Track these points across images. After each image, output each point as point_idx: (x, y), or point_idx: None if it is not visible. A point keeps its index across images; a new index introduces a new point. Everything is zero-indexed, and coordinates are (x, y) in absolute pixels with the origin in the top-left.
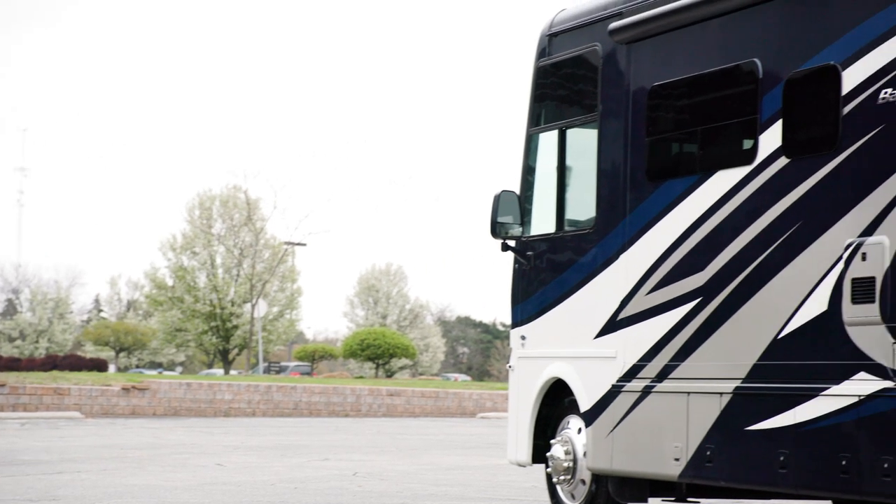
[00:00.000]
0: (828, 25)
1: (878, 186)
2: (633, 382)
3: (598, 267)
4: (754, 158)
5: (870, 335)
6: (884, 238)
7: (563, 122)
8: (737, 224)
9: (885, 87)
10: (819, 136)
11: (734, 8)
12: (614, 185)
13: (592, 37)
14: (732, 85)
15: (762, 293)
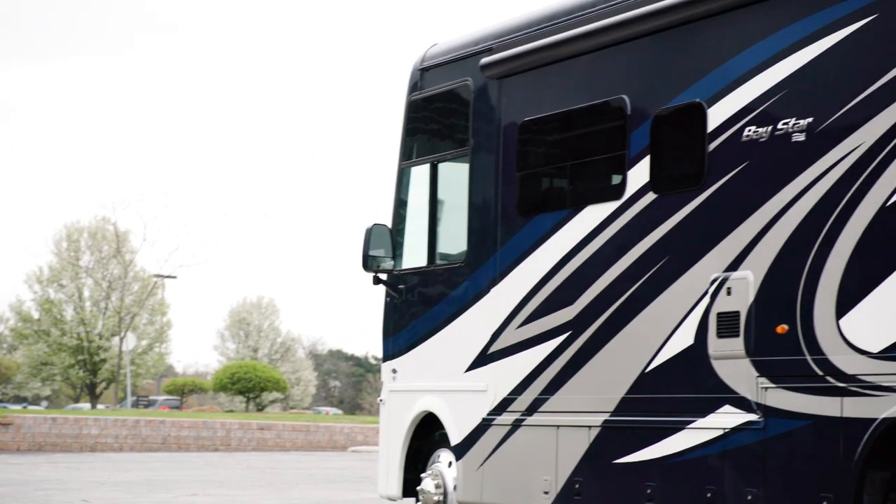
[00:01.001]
0: (694, 63)
1: (743, 222)
2: (504, 416)
3: (469, 300)
4: (623, 194)
5: (734, 369)
6: (748, 273)
7: (434, 155)
8: (606, 258)
9: (749, 124)
10: (686, 172)
11: (602, 45)
12: (485, 219)
13: (464, 72)
14: (601, 121)
15: (630, 327)
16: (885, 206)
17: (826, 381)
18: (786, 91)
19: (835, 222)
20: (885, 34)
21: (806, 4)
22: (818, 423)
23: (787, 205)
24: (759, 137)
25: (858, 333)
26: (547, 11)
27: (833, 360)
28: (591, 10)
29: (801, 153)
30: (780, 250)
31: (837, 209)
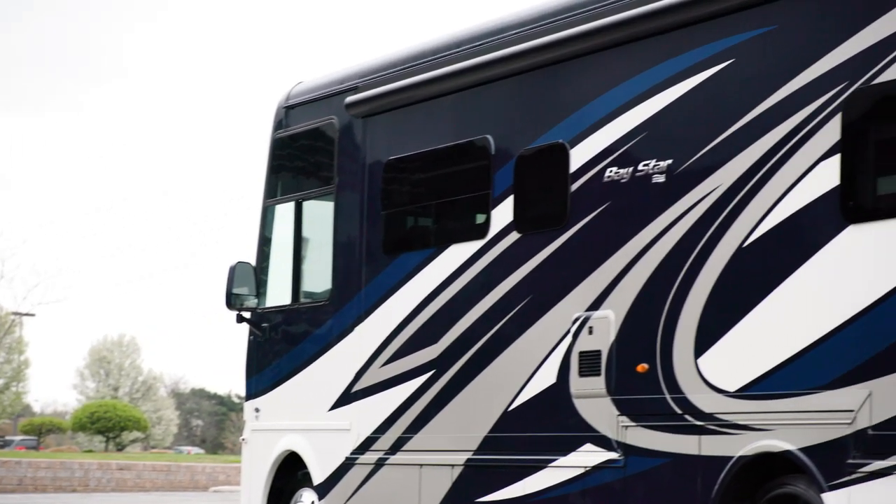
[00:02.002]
0: (557, 104)
1: (605, 262)
2: (367, 454)
3: (333, 339)
4: (487, 233)
5: (596, 407)
6: (609, 312)
7: (299, 193)
8: (469, 297)
9: (610, 165)
10: (549, 212)
11: (467, 85)
12: (350, 257)
13: (329, 110)
14: (466, 160)
15: (494, 365)
16: (741, 247)
17: (685, 419)
18: (646, 133)
19: (693, 263)
20: (741, 78)
21: (666, 48)
22: (677, 461)
23: (647, 245)
24: (621, 178)
25: (716, 372)
26: (412, 51)
27: (691, 398)
28: (455, 51)
29: (661, 194)
30: (641, 290)
31: (696, 250)
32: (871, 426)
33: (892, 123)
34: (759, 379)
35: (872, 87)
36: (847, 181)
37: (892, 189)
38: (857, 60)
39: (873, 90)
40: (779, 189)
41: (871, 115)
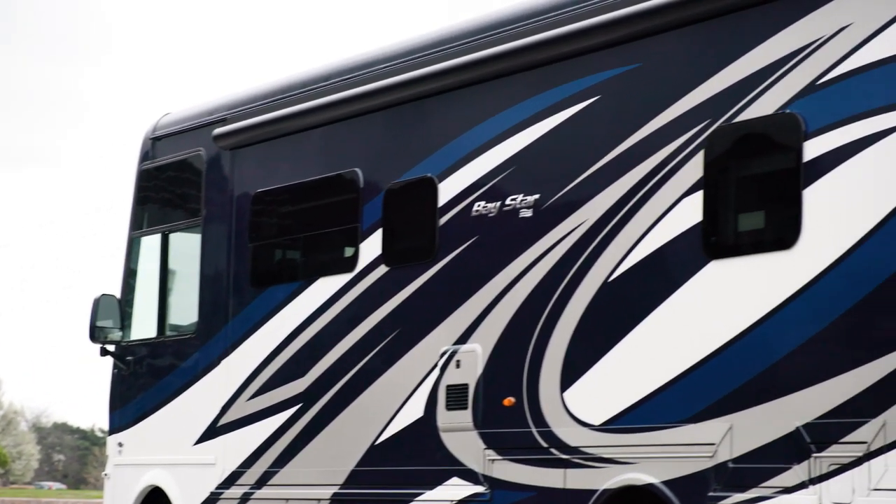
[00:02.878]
0: (425, 139)
1: (472, 296)
2: (233, 489)
3: (199, 372)
4: (355, 266)
5: (462, 441)
6: (477, 346)
7: (166, 225)
8: (338, 331)
9: (478, 199)
10: (417, 245)
11: (336, 119)
12: (217, 290)
13: (197, 141)
14: (335, 193)
15: (361, 399)
16: (606, 282)
17: (550, 453)
18: (514, 168)
19: (560, 297)
20: (607, 115)
21: (533, 85)
22: (542, 494)
23: (514, 279)
24: (488, 213)
25: (581, 406)
26: (281, 84)
27: (557, 432)
28: (324, 84)
29: (529, 229)
30: (508, 324)
31: (562, 284)
32: (732, 459)
33: (753, 161)
34: (624, 412)
35: (733, 125)
36: (709, 218)
37: (752, 226)
38: (719, 98)
39: (734, 128)
40: (643, 224)
41: (732, 153)
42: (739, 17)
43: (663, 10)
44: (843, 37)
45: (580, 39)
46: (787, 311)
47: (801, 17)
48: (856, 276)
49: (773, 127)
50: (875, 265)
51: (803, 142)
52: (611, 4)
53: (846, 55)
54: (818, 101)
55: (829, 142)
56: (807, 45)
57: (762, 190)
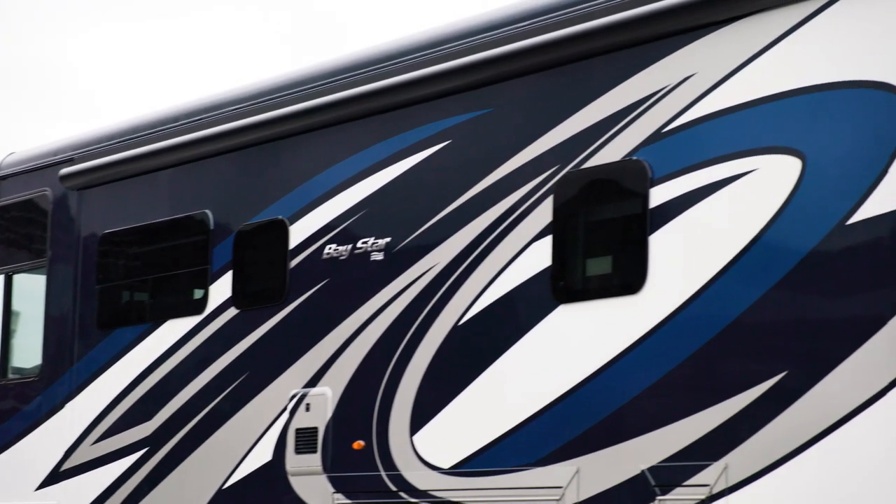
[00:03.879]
0: (277, 181)
1: (323, 338)
2: None
3: (42, 416)
4: (204, 308)
5: (311, 485)
6: (327, 389)
7: (9, 266)
8: (186, 374)
9: (329, 242)
10: (267, 288)
11: (186, 160)
12: (62, 332)
13: (43, 181)
14: (184, 235)
15: (210, 443)
16: (457, 325)
17: (399, 496)
18: (365, 211)
19: (411, 340)
20: (458, 159)
21: (385, 128)
22: None
23: (365, 322)
24: (340, 255)
25: (431, 449)
26: (129, 124)
27: (406, 475)
28: (173, 125)
29: (380, 272)
30: (359, 367)
31: (413, 327)
32: (579, 502)
33: (600, 207)
34: (473, 456)
35: (582, 171)
36: (557, 262)
37: (600, 271)
38: (568, 144)
39: (583, 174)
40: (494, 269)
41: (580, 199)
42: (588, 65)
43: (513, 56)
44: (688, 86)
45: (431, 84)
46: (633, 356)
47: (648, 65)
48: (699, 321)
49: (620, 173)
50: (718, 311)
51: (649, 188)
52: (462, 50)
53: (691, 104)
54: (664, 149)
55: (675, 188)
56: (653, 94)
57: (610, 235)
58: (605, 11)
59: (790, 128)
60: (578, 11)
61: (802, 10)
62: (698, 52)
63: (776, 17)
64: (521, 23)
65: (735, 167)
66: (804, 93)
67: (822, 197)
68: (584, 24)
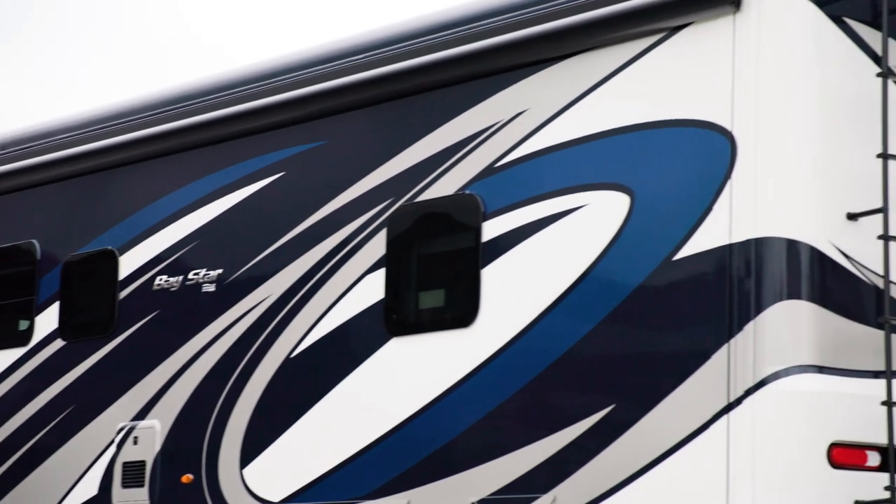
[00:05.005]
0: (107, 211)
1: (153, 371)
2: None
3: None
4: (30, 340)
5: None
6: (155, 422)
7: None
8: (10, 406)
9: (160, 273)
10: (95, 319)
11: (12, 188)
12: None
13: None
14: (10, 265)
15: (34, 476)
16: (289, 358)
17: None
18: (197, 242)
19: (242, 372)
20: (292, 191)
21: (218, 158)
22: None
23: (195, 354)
24: (170, 287)
25: (261, 483)
26: None
27: None
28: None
29: (211, 303)
30: (189, 400)
31: (245, 360)
32: None
33: (434, 240)
34: (304, 489)
35: (415, 204)
36: (391, 295)
37: (433, 304)
38: (402, 178)
39: (416, 207)
40: (326, 301)
41: (413, 232)
42: (423, 99)
43: (346, 89)
44: (520, 122)
45: (265, 116)
46: (464, 389)
47: (481, 101)
48: (530, 354)
49: (454, 207)
50: (548, 344)
51: (482, 222)
52: (296, 83)
53: (523, 139)
54: (496, 183)
55: (507, 223)
56: (486, 129)
57: (442, 269)
58: (440, 47)
59: (619, 165)
60: (412, 46)
61: (631, 49)
62: (530, 88)
63: (606, 56)
64: (354, 56)
65: (565, 202)
66: (633, 130)
67: (649, 233)
68: (417, 59)
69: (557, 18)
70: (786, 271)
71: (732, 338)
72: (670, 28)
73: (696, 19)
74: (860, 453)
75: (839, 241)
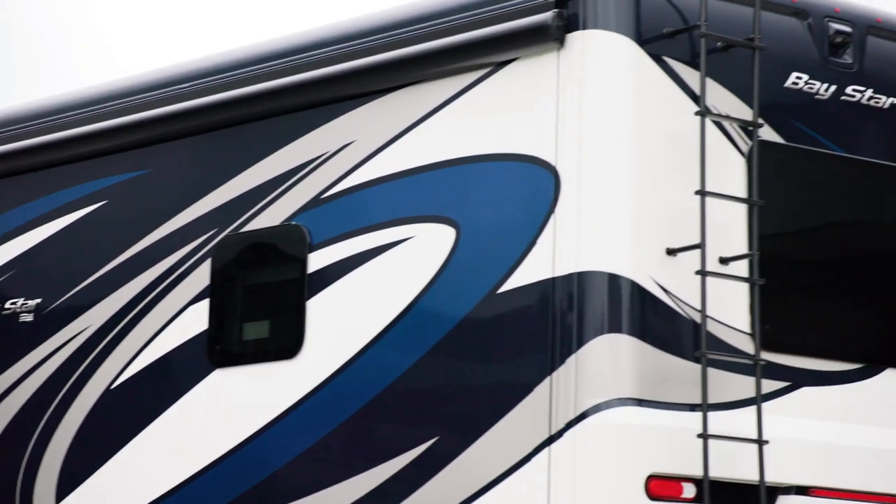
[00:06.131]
0: None
1: None
2: None
3: None
4: None
5: None
6: None
7: None
8: None
9: None
10: None
11: None
12: None
13: None
14: None
15: None
16: (109, 389)
17: None
18: (15, 271)
19: (60, 404)
20: (115, 219)
21: (38, 186)
22: None
23: (11, 386)
24: None
25: None
26: None
27: None
28: None
29: (29, 334)
30: (3, 434)
31: (62, 392)
32: None
33: (259, 271)
34: None
35: (241, 234)
36: (214, 326)
37: (257, 335)
38: (227, 207)
39: (241, 238)
40: (149, 332)
41: (238, 263)
42: (249, 129)
43: (170, 118)
44: (347, 153)
45: (86, 143)
46: (288, 421)
47: (308, 132)
48: (355, 386)
49: (279, 238)
50: (373, 376)
51: (308, 253)
52: (118, 110)
53: (349, 171)
54: (323, 215)
55: (333, 254)
56: (313, 160)
57: (267, 300)
58: (266, 77)
59: (445, 198)
60: (239, 76)
61: (457, 83)
62: (357, 120)
63: (433, 89)
64: (180, 84)
65: (392, 234)
66: (459, 164)
67: (474, 265)
68: (244, 89)
69: (384, 51)
70: (607, 305)
71: (555, 371)
72: (496, 63)
73: (522, 55)
74: (676, 485)
75: (659, 276)
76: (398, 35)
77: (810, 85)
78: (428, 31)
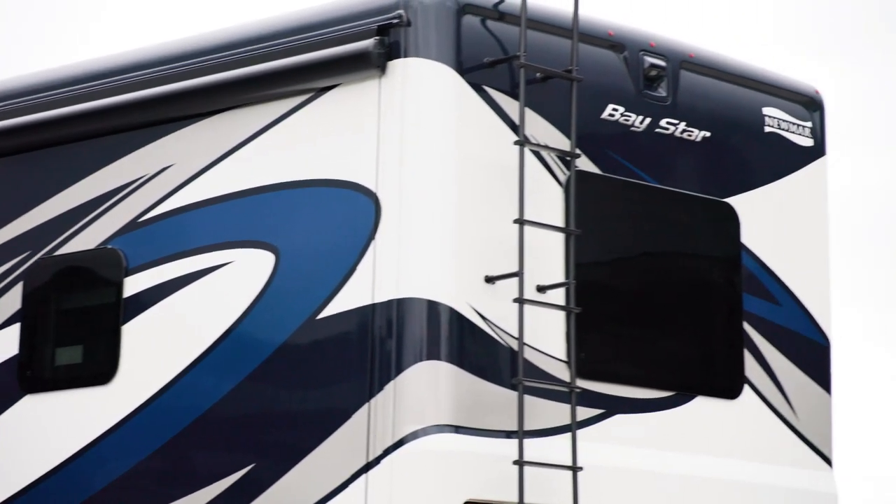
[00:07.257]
0: None
1: None
2: None
3: None
4: None
5: None
6: None
7: None
8: None
9: None
10: None
11: None
12: None
13: None
14: None
15: None
16: None
17: None
18: None
19: None
20: None
21: None
22: None
23: None
24: None
25: None
26: None
27: None
28: None
29: None
30: None
31: None
32: None
33: (73, 295)
34: None
35: (55, 257)
36: (25, 351)
37: (70, 360)
38: (41, 230)
39: (55, 261)
40: None
41: (52, 286)
42: (65, 150)
43: None
44: (166, 176)
45: None
46: (101, 447)
47: (125, 154)
48: (171, 412)
49: (95, 262)
50: (190, 402)
51: (124, 278)
52: None
53: (168, 195)
54: (140, 239)
55: (150, 279)
56: (130, 183)
57: (82, 324)
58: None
59: (265, 223)
60: (57, 96)
61: (279, 108)
62: (176, 143)
63: (253, 114)
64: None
65: (210, 259)
66: (279, 189)
67: (294, 291)
68: (60, 110)
69: (204, 74)
70: (426, 332)
71: (373, 397)
72: (318, 88)
73: (344, 81)
74: None
75: (477, 303)
76: (219, 59)
77: (626, 117)
78: (250, 55)
